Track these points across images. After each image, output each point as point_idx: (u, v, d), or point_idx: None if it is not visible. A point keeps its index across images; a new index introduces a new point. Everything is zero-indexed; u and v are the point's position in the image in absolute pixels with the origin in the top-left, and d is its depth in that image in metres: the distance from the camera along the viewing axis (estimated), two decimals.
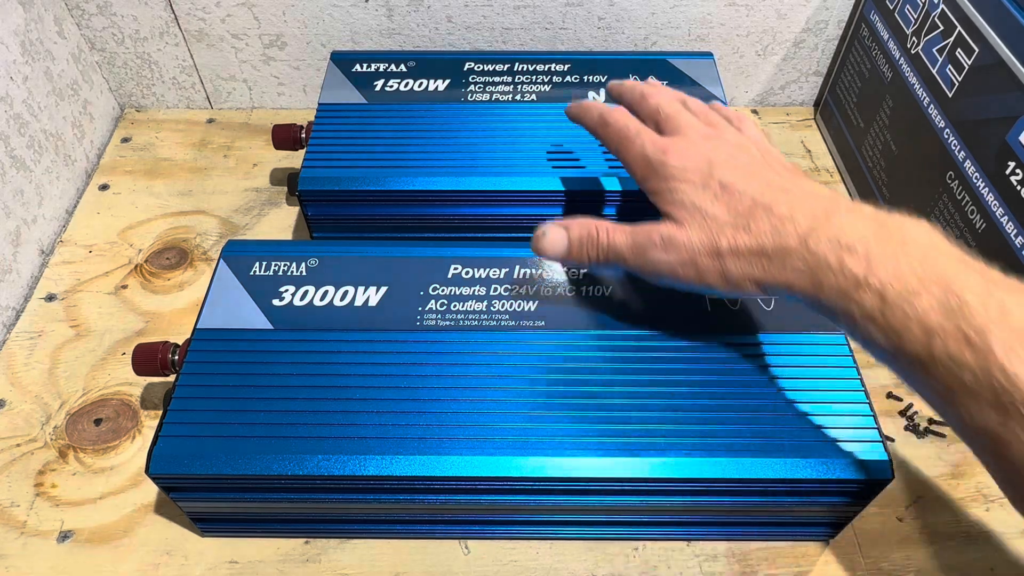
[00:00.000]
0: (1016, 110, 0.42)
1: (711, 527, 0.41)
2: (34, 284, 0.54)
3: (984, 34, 0.45)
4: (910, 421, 0.47)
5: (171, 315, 0.52)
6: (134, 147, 0.65)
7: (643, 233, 0.35)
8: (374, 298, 0.42)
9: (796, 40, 0.65)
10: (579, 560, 0.41)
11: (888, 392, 0.49)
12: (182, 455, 0.36)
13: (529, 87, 0.56)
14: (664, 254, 0.35)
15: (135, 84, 0.67)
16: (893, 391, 0.49)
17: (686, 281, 0.35)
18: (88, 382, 0.49)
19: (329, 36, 0.63)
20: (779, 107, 0.70)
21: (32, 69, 0.56)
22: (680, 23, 0.63)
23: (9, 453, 0.45)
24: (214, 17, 0.62)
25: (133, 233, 0.58)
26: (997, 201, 0.43)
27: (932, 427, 0.47)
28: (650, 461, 0.36)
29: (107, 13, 0.61)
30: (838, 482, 0.36)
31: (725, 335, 0.41)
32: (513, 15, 0.62)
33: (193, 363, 0.39)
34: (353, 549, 0.41)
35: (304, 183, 0.50)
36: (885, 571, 0.41)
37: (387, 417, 0.37)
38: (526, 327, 0.41)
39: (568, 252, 0.37)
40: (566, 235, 0.37)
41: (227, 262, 0.44)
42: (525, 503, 0.38)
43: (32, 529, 0.42)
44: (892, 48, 0.55)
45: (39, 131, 0.56)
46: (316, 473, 0.36)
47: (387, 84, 0.56)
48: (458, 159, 0.51)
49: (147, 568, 0.41)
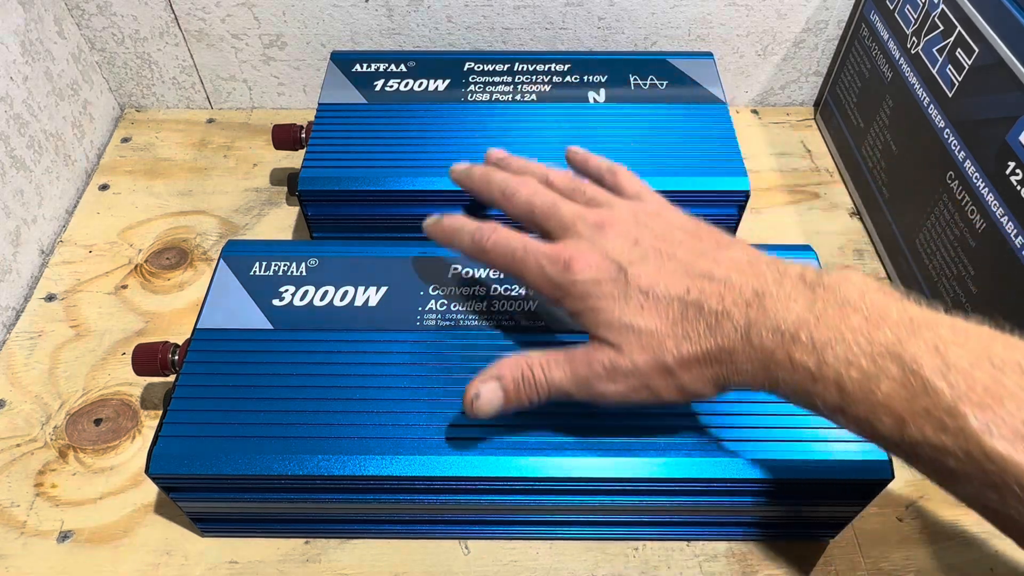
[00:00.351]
0: (1016, 110, 0.42)
1: (711, 527, 0.41)
2: (34, 284, 0.54)
3: (984, 34, 0.45)
4: None
5: (171, 315, 0.52)
6: (134, 147, 0.65)
7: (583, 364, 0.32)
8: (374, 298, 0.42)
9: (796, 40, 0.65)
10: (579, 560, 0.41)
11: None
12: (182, 455, 0.36)
13: (529, 87, 0.56)
14: (613, 385, 0.32)
15: (135, 84, 0.67)
16: None
17: (642, 404, 0.32)
18: (88, 382, 0.49)
19: (329, 36, 0.63)
20: (779, 107, 0.70)
21: (32, 69, 0.56)
22: (680, 23, 0.63)
23: (9, 453, 0.45)
24: (214, 17, 0.62)
25: (133, 233, 0.58)
26: (997, 201, 0.43)
27: None
28: (650, 461, 0.36)
29: (107, 13, 0.61)
30: (838, 482, 0.36)
31: None
32: (513, 15, 0.62)
33: (193, 363, 0.39)
34: (353, 549, 0.41)
35: (304, 183, 0.50)
36: (885, 571, 0.41)
37: (387, 417, 0.37)
38: (526, 327, 0.41)
39: (507, 402, 0.33)
40: (498, 386, 0.33)
41: (227, 262, 0.44)
42: (525, 503, 0.38)
43: (32, 529, 0.42)
44: (892, 48, 0.55)
45: (39, 131, 0.56)
46: (316, 473, 0.36)
47: (387, 84, 0.56)
48: (458, 159, 0.51)
49: (147, 568, 0.41)
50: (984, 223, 0.45)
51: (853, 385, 0.26)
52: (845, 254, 0.57)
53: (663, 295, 0.31)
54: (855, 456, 0.36)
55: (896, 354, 0.26)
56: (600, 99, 0.55)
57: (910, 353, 0.25)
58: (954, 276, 0.47)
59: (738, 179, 0.50)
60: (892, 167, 0.55)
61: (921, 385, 0.25)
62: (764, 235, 0.58)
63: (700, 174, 0.50)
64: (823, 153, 0.65)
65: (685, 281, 0.31)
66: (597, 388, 0.32)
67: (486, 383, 0.33)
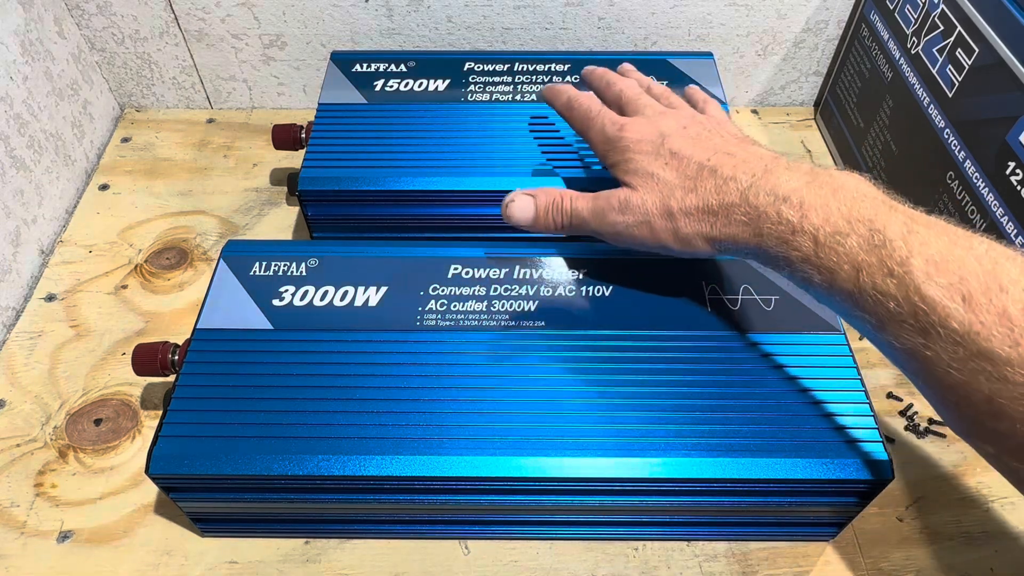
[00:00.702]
0: (1016, 110, 0.42)
1: (711, 527, 0.41)
2: (34, 284, 0.54)
3: (984, 34, 0.45)
4: (910, 421, 0.47)
5: (171, 315, 0.52)
6: (134, 147, 0.65)
7: (603, 198, 0.39)
8: (374, 298, 0.42)
9: (796, 40, 0.65)
10: (579, 560, 0.41)
11: (888, 392, 0.49)
12: (182, 455, 0.36)
13: (529, 87, 0.56)
14: (621, 216, 0.38)
15: (135, 84, 0.67)
16: (893, 391, 0.49)
17: (641, 240, 0.38)
18: (88, 382, 0.49)
19: (329, 36, 0.63)
20: (779, 107, 0.70)
21: (32, 69, 0.56)
22: (680, 23, 0.63)
23: (9, 453, 0.45)
24: (214, 17, 0.62)
25: (133, 233, 0.58)
26: (997, 201, 0.43)
27: (932, 427, 0.47)
28: (650, 461, 0.36)
29: (107, 13, 0.61)
30: (838, 482, 0.36)
31: (725, 335, 0.41)
32: (513, 15, 0.62)
33: (193, 363, 0.39)
34: (353, 549, 0.41)
35: (304, 183, 0.50)
36: (885, 571, 0.41)
37: (387, 417, 0.37)
38: (526, 327, 0.41)
39: (536, 218, 0.41)
40: (533, 202, 0.41)
41: (227, 262, 0.44)
42: (525, 503, 0.38)
43: (32, 529, 0.42)
44: (892, 48, 0.55)
45: (39, 131, 0.56)
46: (316, 473, 0.36)
47: (387, 84, 0.56)
48: (458, 159, 0.51)
49: (147, 568, 0.41)
50: (984, 223, 0.45)
51: (825, 237, 0.31)
52: None
53: (686, 157, 0.37)
54: (855, 456, 0.36)
55: (868, 219, 0.30)
56: None
57: (880, 221, 0.30)
58: None
59: None
60: (892, 167, 0.55)
61: (882, 240, 0.29)
62: None
63: None
64: (823, 153, 0.65)
65: (708, 153, 0.37)
66: (609, 217, 0.38)
67: (523, 196, 0.41)
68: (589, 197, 0.40)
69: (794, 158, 0.36)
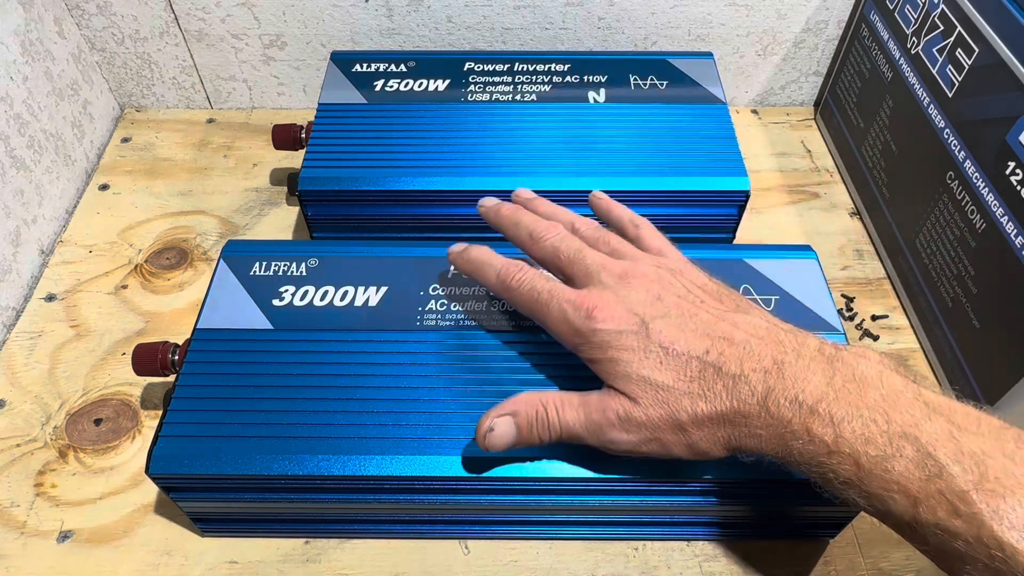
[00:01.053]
0: (1016, 110, 0.42)
1: (711, 527, 0.41)
2: (34, 284, 0.54)
3: (984, 34, 0.45)
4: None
5: (171, 315, 0.52)
6: (134, 147, 0.65)
7: (597, 410, 0.33)
8: (374, 298, 0.42)
9: (796, 40, 0.65)
10: (579, 560, 0.41)
11: None
12: (182, 455, 0.36)
13: (529, 87, 0.56)
14: (625, 434, 0.32)
15: (135, 84, 0.67)
16: None
17: (652, 455, 0.33)
18: (88, 382, 0.49)
19: (329, 36, 0.63)
20: (779, 107, 0.70)
21: (32, 69, 0.56)
22: (680, 23, 0.63)
23: (9, 453, 0.45)
24: (214, 17, 0.62)
25: (133, 233, 0.58)
26: (997, 201, 0.43)
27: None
28: (650, 461, 0.36)
29: (107, 13, 0.61)
30: None
31: None
32: (513, 15, 0.62)
33: (193, 363, 0.39)
34: (353, 549, 0.41)
35: (304, 183, 0.50)
36: (885, 571, 0.41)
37: (387, 417, 0.37)
38: (526, 327, 0.41)
39: (519, 439, 0.34)
40: (512, 422, 0.33)
41: (227, 262, 0.44)
42: (525, 503, 0.38)
43: (32, 529, 0.42)
44: (892, 48, 0.55)
45: (39, 131, 0.56)
46: (316, 473, 0.36)
47: (387, 84, 0.56)
48: (458, 159, 0.51)
49: (147, 568, 0.41)
50: (984, 223, 0.45)
51: (869, 462, 0.27)
52: (845, 254, 0.57)
53: (683, 352, 0.31)
54: None
55: (912, 436, 0.27)
56: (600, 99, 0.55)
57: (926, 436, 0.27)
58: (954, 276, 0.47)
59: (738, 179, 0.50)
60: (892, 167, 0.55)
61: (936, 468, 0.26)
62: (764, 235, 0.58)
63: (700, 174, 0.50)
64: (823, 153, 0.65)
65: (705, 342, 0.31)
66: (608, 435, 0.32)
67: (501, 418, 0.33)
68: (577, 404, 0.33)
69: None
